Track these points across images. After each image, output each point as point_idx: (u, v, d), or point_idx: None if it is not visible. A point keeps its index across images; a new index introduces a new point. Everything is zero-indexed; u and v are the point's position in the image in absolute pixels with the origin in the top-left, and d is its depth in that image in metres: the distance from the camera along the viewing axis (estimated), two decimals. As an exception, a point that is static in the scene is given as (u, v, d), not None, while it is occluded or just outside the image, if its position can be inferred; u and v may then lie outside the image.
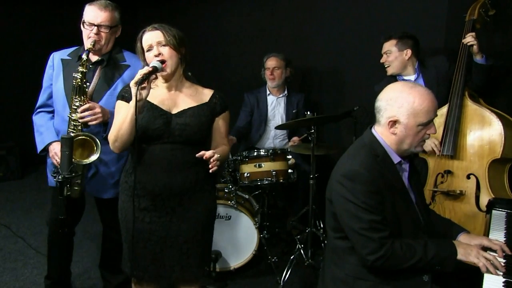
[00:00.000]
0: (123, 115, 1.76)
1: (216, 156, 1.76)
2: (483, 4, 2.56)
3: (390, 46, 2.76)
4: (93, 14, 2.11)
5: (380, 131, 1.65)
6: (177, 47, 1.81)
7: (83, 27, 2.15)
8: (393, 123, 1.58)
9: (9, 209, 4.01)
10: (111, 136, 1.80)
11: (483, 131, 2.39)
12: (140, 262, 1.88)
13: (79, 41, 2.22)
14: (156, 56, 1.78)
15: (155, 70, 1.73)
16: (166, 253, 1.87)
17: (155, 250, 1.86)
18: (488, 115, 2.38)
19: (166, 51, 1.79)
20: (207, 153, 1.75)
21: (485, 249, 1.63)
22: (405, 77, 2.78)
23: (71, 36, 2.58)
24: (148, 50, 1.81)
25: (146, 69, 1.70)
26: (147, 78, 1.69)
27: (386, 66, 2.79)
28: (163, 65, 1.78)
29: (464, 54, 2.50)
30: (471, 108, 2.43)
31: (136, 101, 1.66)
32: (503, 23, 2.72)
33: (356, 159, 1.59)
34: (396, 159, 1.64)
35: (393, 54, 2.74)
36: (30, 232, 3.50)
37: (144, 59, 1.84)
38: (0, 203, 4.16)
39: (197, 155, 1.75)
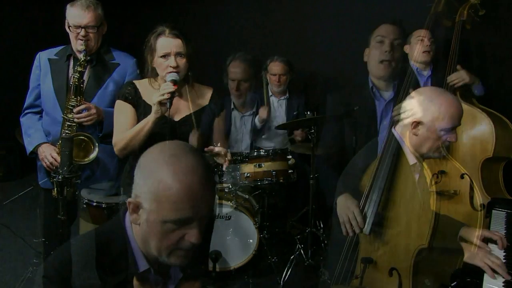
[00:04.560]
0: (138, 128, 1.72)
1: (227, 154, 1.75)
2: (472, 5, 2.56)
3: (430, 36, 2.72)
4: (77, 16, 2.05)
5: (401, 131, 1.66)
6: (192, 57, 1.77)
7: (69, 29, 2.10)
8: (417, 124, 1.60)
9: (9, 209, 4.01)
10: (120, 143, 1.76)
11: (474, 130, 2.38)
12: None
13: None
14: (172, 67, 1.73)
15: (175, 84, 1.70)
16: None
17: None
18: (479, 114, 2.37)
19: (183, 63, 1.75)
20: (217, 149, 1.74)
21: (486, 240, 1.65)
22: (423, 72, 2.77)
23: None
24: (163, 56, 1.74)
25: (170, 87, 1.65)
26: (173, 97, 1.66)
27: (426, 50, 2.71)
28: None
29: (455, 53, 2.50)
30: (463, 108, 2.43)
31: (168, 120, 1.67)
32: (495, 23, 2.71)
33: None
34: (412, 160, 1.65)
35: (434, 44, 2.72)
36: (30, 232, 3.49)
37: (152, 60, 1.80)
38: (0, 203, 4.16)
39: (206, 149, 1.73)
